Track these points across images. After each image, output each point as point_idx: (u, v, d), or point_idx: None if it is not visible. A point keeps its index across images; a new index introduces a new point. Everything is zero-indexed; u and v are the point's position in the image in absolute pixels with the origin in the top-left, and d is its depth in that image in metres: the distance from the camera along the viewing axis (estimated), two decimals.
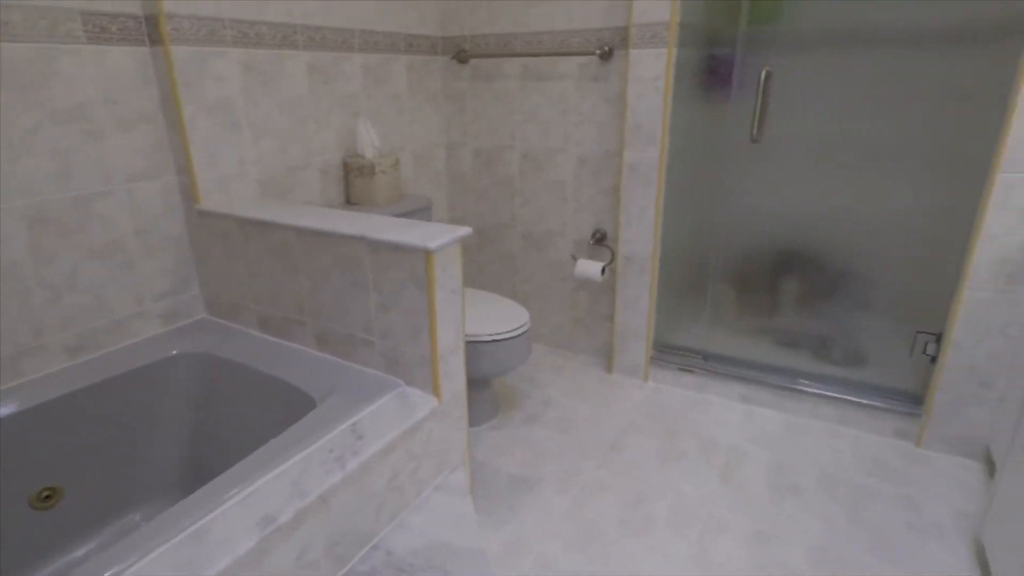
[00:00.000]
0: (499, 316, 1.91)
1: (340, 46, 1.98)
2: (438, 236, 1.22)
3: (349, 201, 2.09)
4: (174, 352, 1.56)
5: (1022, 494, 1.23)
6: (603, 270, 2.25)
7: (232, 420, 1.52)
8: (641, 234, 2.15)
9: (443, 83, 2.49)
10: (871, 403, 1.97)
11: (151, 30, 1.49)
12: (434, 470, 1.38)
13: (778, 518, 1.63)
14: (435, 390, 1.33)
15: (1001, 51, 1.57)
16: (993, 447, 1.75)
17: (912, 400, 1.95)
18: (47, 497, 1.34)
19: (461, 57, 2.38)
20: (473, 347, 1.80)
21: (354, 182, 2.05)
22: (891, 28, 1.69)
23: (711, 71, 1.99)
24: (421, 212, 2.16)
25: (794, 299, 2.11)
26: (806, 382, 2.08)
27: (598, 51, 2.09)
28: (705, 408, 2.16)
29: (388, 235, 1.24)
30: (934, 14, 1.64)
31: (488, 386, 2.05)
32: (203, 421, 1.56)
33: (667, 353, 2.31)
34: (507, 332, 1.83)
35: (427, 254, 1.20)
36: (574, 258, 2.38)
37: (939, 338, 1.84)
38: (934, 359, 1.86)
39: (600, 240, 2.32)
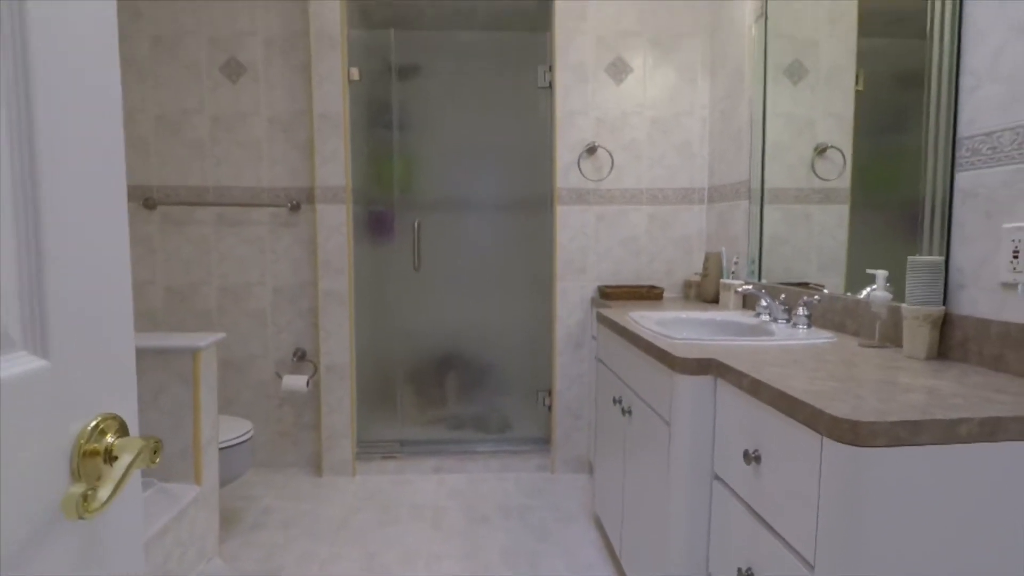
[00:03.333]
0: (221, 426, 2.07)
1: None
2: (203, 338, 1.48)
3: None
4: None
5: (605, 480, 2.05)
6: (308, 382, 2.59)
7: None
8: (339, 346, 2.60)
9: (129, 228, 2.60)
10: (520, 450, 2.75)
11: None
12: (196, 557, 1.50)
13: (477, 539, 2.17)
14: (197, 477, 1.50)
15: (546, 215, 2.67)
16: (591, 456, 2.67)
17: (544, 441, 2.80)
18: None
19: (149, 204, 2.57)
20: None
21: None
22: (483, 199, 2.68)
23: (380, 220, 2.70)
24: None
25: (458, 389, 2.82)
26: (477, 447, 2.76)
27: (288, 204, 2.59)
28: (408, 484, 2.62)
29: (150, 341, 1.45)
30: (503, 193, 2.69)
31: None
32: None
33: (370, 447, 2.72)
34: (233, 439, 2.01)
35: (195, 353, 1.45)
36: (279, 375, 2.66)
37: (550, 392, 2.75)
38: (550, 408, 2.76)
39: (301, 357, 2.67)
